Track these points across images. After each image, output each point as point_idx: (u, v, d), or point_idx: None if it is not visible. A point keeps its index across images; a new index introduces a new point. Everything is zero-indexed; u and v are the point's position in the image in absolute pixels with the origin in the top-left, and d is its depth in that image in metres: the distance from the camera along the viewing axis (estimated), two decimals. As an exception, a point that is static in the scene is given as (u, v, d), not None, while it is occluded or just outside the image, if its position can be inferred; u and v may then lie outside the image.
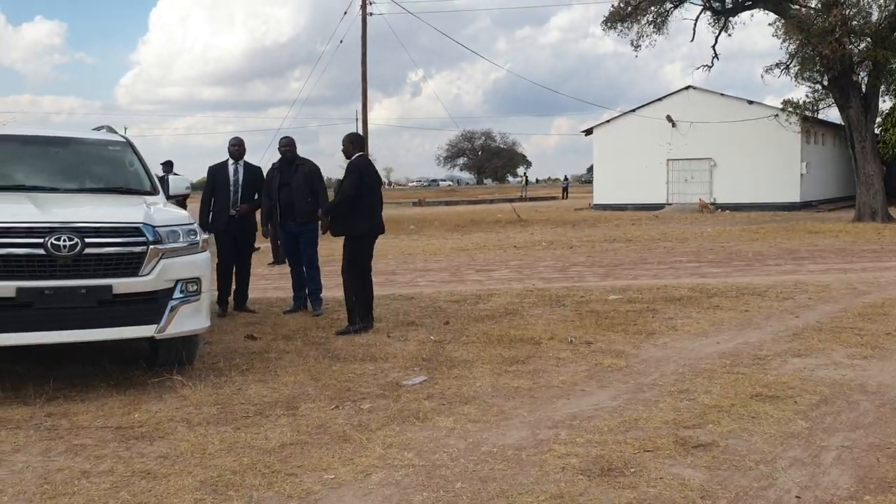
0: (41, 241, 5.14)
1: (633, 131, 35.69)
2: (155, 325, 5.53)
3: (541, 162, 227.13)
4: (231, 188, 8.78)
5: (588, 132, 38.73)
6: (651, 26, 26.70)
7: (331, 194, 9.45)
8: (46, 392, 5.44)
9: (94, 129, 7.77)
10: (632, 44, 27.17)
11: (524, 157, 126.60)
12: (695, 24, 27.25)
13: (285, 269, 9.37)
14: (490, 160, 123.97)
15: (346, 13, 28.60)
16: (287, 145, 8.89)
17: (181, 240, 5.77)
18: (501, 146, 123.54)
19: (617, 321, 7.97)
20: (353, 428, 4.69)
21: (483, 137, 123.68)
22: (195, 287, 5.81)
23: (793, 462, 4.10)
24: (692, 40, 28.88)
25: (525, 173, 78.54)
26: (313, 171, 8.82)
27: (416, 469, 4.02)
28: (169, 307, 5.60)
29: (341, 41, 28.38)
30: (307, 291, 8.93)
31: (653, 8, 25.80)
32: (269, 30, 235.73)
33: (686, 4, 26.68)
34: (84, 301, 5.27)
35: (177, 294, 5.68)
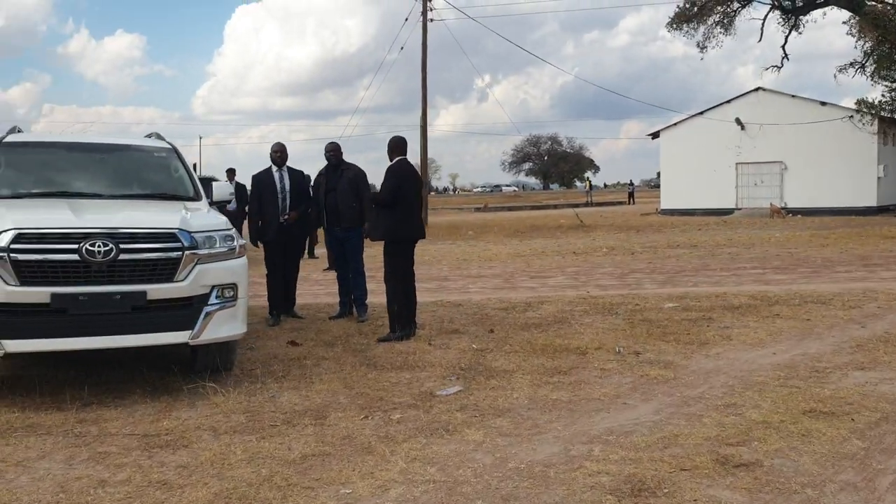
0: (76, 246, 5.16)
1: (700, 134, 34.85)
2: (189, 332, 5.50)
3: (610, 166, 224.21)
4: (279, 195, 8.67)
5: (655, 136, 37.99)
6: (718, 27, 26.07)
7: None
8: (82, 398, 5.46)
9: (146, 137, 7.84)
10: (698, 45, 26.68)
11: (591, 161, 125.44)
12: (763, 24, 26.60)
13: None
14: (556, 165, 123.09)
15: (406, 20, 28.62)
16: (332, 150, 8.82)
17: (218, 245, 5.74)
18: (568, 151, 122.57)
19: (669, 330, 7.66)
20: (378, 439, 4.55)
21: (549, 142, 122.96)
22: (231, 293, 5.77)
23: (844, 486, 3.79)
24: (759, 40, 28.17)
25: (589, 178, 77.44)
26: (359, 175, 8.73)
27: (437, 485, 3.86)
28: (204, 313, 5.57)
29: (402, 48, 28.16)
30: (353, 297, 8.85)
31: (719, 8, 25.13)
32: (339, 40, 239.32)
33: (754, 3, 25.91)
34: (118, 307, 5.27)
35: (212, 300, 5.65)
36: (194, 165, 16.14)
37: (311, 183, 9.20)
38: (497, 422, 4.88)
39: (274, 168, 8.82)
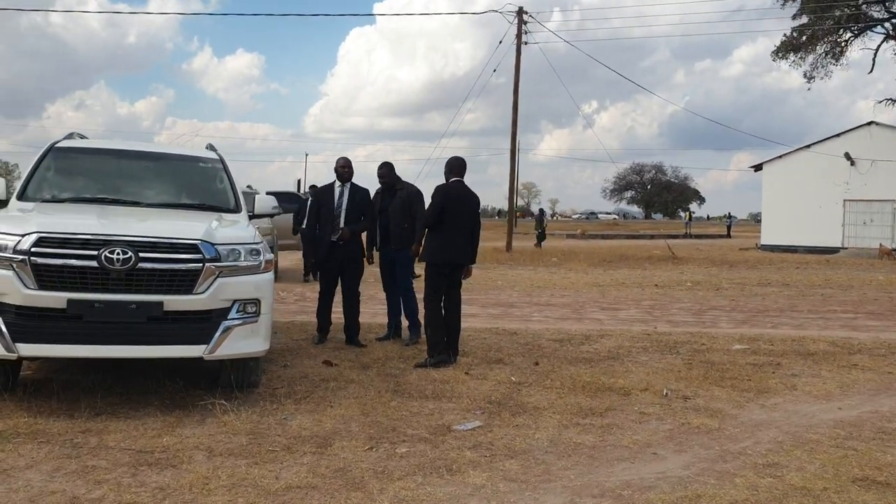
0: (95, 253, 5.10)
1: (806, 168, 33.22)
2: (205, 346, 5.35)
3: (717, 198, 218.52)
4: (335, 211, 8.31)
5: (757, 168, 36.46)
6: (828, 56, 24.81)
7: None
8: (95, 406, 5.39)
9: (206, 147, 7.83)
10: (805, 75, 25.41)
11: (696, 192, 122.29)
12: (874, 55, 25.05)
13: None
14: (659, 194, 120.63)
15: (500, 42, 28.44)
16: (382, 175, 8.62)
17: (242, 259, 5.59)
18: (672, 180, 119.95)
19: (729, 374, 7.08)
20: (373, 474, 4.26)
21: (653, 171, 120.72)
22: (254, 308, 5.61)
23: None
24: (870, 72, 26.56)
25: (689, 209, 75.27)
26: (413, 195, 8.45)
27: (414, 532, 3.53)
28: (222, 328, 5.42)
29: (494, 70, 27.96)
30: (404, 319, 8.60)
31: (829, 38, 23.92)
32: (448, 63, 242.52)
33: (868, 33, 24.55)
34: (133, 316, 5.17)
35: (232, 314, 5.50)
36: (298, 181, 16.36)
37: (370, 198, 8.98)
38: (506, 464, 4.51)
39: (337, 183, 8.43)
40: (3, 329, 5.00)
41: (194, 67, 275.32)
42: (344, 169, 8.45)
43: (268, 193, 16.78)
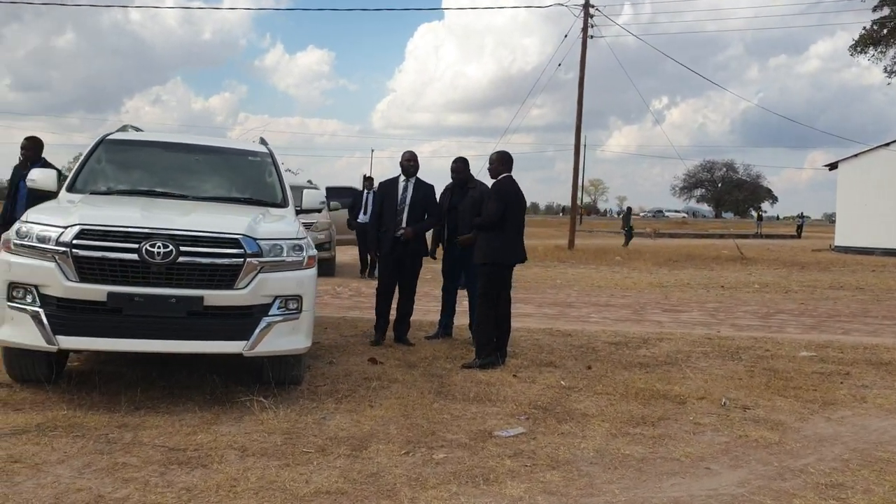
0: (136, 246, 5.05)
1: (885, 168, 31.82)
2: (244, 342, 5.26)
3: (791, 197, 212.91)
4: (398, 207, 8.07)
5: (832, 167, 35.16)
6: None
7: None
8: (136, 400, 5.35)
9: (258, 141, 7.78)
10: (885, 70, 24.29)
11: (769, 190, 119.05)
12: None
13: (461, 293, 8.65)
14: (730, 193, 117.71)
15: (566, 36, 27.94)
16: (456, 170, 8.31)
17: (284, 254, 5.49)
18: (744, 179, 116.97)
19: (794, 384, 6.70)
20: (406, 481, 4.09)
21: (724, 169, 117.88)
22: (295, 305, 5.51)
23: None
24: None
25: (760, 208, 73.21)
26: (486, 194, 7.83)
27: (442, 546, 3.35)
28: (263, 324, 5.32)
29: (559, 64, 27.70)
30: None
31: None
32: (516, 58, 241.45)
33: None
34: (173, 311, 5.11)
35: (273, 311, 5.40)
36: (365, 176, 16.33)
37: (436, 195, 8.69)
38: (548, 475, 4.28)
39: (402, 178, 8.17)
40: (45, 321, 4.99)
41: (266, 64, 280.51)
42: (409, 163, 8.22)
43: (327, 188, 16.86)
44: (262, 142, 7.67)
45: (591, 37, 26.91)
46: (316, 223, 15.01)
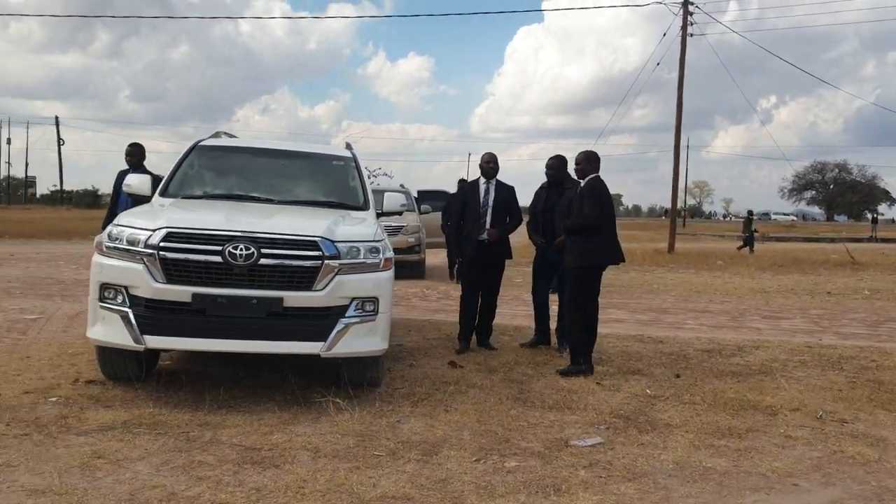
0: (220, 248, 5.18)
1: None
2: (322, 343, 5.31)
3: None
4: (481, 209, 7.93)
5: (956, 166, 33.04)
6: None
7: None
8: (219, 399, 5.48)
9: (347, 146, 7.88)
10: None
11: (886, 192, 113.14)
12: None
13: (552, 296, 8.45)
14: (843, 195, 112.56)
15: (664, 35, 27.28)
16: (551, 166, 8.05)
17: (361, 256, 5.51)
18: (859, 180, 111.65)
19: (900, 398, 6.29)
20: (474, 489, 4.02)
21: (836, 169, 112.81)
22: (372, 307, 5.53)
23: None
24: None
25: (875, 210, 69.55)
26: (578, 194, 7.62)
27: (503, 558, 3.26)
28: (340, 325, 5.36)
29: (658, 64, 27.05)
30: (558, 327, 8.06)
31: None
32: (617, 59, 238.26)
33: None
34: (254, 311, 5.21)
35: (350, 312, 5.43)
36: (461, 180, 16.42)
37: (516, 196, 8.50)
38: (622, 487, 4.14)
39: (482, 180, 8.03)
40: (133, 321, 5.16)
41: (369, 71, 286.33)
42: (489, 164, 8.08)
43: (419, 192, 16.96)
44: (348, 146, 7.75)
45: (691, 35, 26.17)
46: (406, 226, 15.13)
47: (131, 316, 5.18)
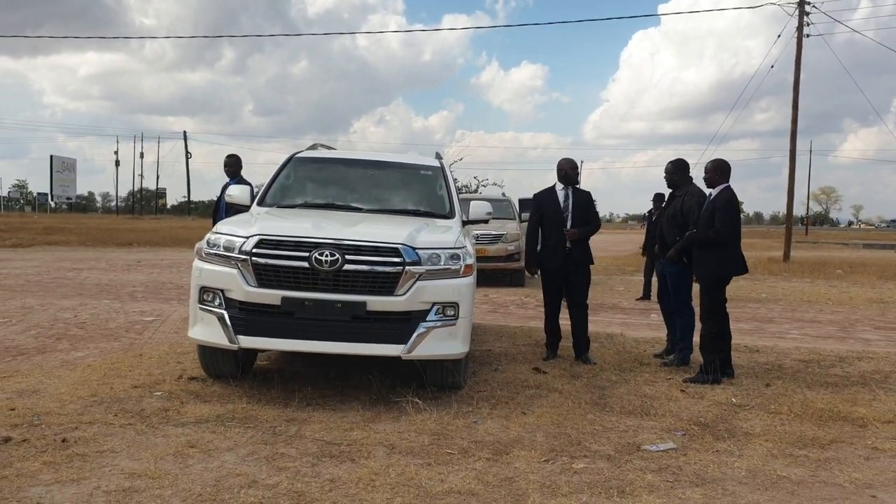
0: (307, 254, 5.48)
1: None
2: (403, 346, 5.53)
3: None
4: (562, 215, 7.80)
5: None
6: None
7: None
8: (307, 397, 5.78)
9: (436, 156, 8.09)
10: None
11: None
12: None
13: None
14: None
15: (779, 36, 26.38)
16: (667, 170, 7.76)
17: (442, 263, 5.71)
18: None
19: None
20: (538, 487, 4.12)
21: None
22: (452, 312, 5.71)
23: None
24: None
25: None
26: (695, 204, 7.26)
27: (555, 553, 3.36)
28: (421, 329, 5.57)
29: (772, 66, 26.05)
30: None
31: None
32: (739, 61, 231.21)
33: None
34: (339, 315, 5.48)
35: (431, 317, 5.63)
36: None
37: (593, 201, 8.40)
38: (689, 493, 4.14)
39: (559, 185, 7.93)
40: (228, 322, 5.53)
41: (482, 81, 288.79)
42: (574, 171, 8.02)
43: (520, 200, 17.06)
44: (437, 156, 7.98)
45: (807, 35, 25.22)
46: (506, 234, 15.26)
47: (226, 317, 5.55)
